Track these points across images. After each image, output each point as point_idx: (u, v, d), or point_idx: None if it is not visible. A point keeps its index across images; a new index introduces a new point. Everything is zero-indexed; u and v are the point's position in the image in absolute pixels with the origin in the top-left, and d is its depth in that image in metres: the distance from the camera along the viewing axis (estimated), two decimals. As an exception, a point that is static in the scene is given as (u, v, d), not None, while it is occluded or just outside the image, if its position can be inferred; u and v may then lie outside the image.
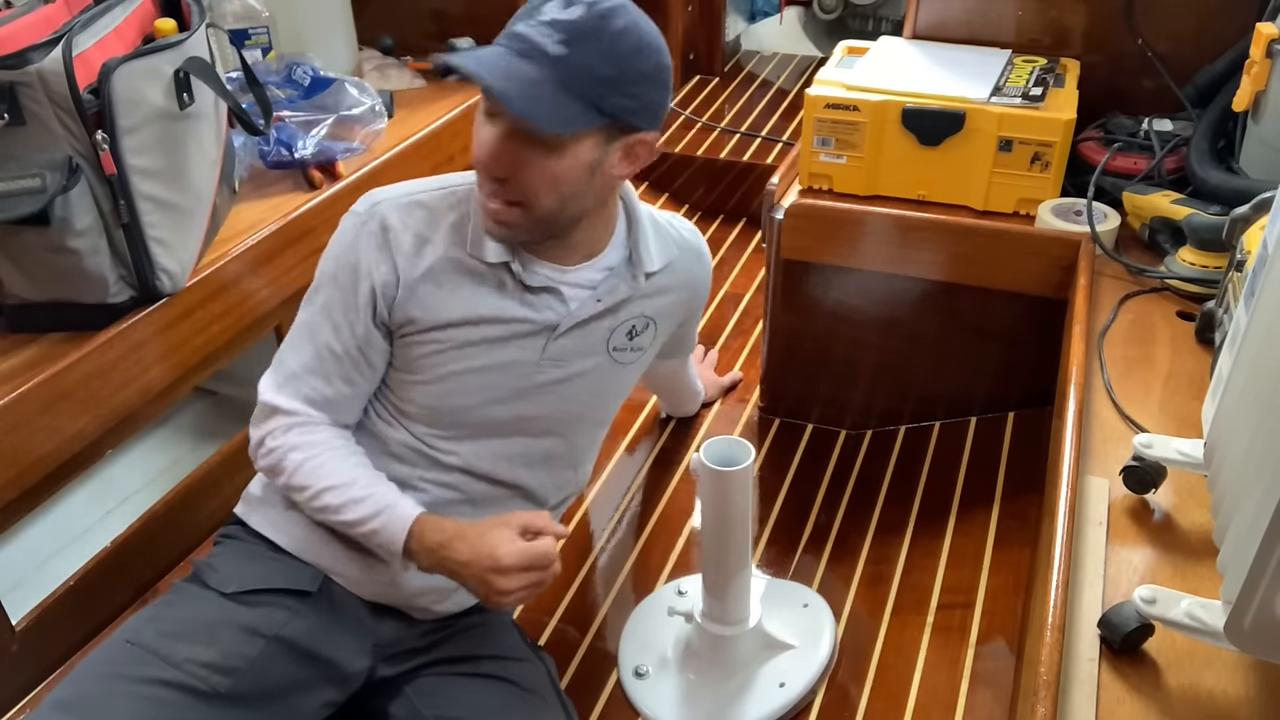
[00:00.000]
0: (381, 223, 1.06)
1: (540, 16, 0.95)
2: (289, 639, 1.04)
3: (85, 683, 0.97)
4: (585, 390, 1.16)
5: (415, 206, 1.08)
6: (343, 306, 1.07)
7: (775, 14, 3.12)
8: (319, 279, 1.09)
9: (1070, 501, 0.98)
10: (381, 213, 1.06)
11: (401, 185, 1.11)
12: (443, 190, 1.09)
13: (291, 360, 1.09)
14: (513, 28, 0.97)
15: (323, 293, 1.08)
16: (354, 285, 1.06)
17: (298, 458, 1.06)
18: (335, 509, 1.05)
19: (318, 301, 1.08)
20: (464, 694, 1.08)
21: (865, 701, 1.23)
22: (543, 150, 0.97)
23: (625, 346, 1.17)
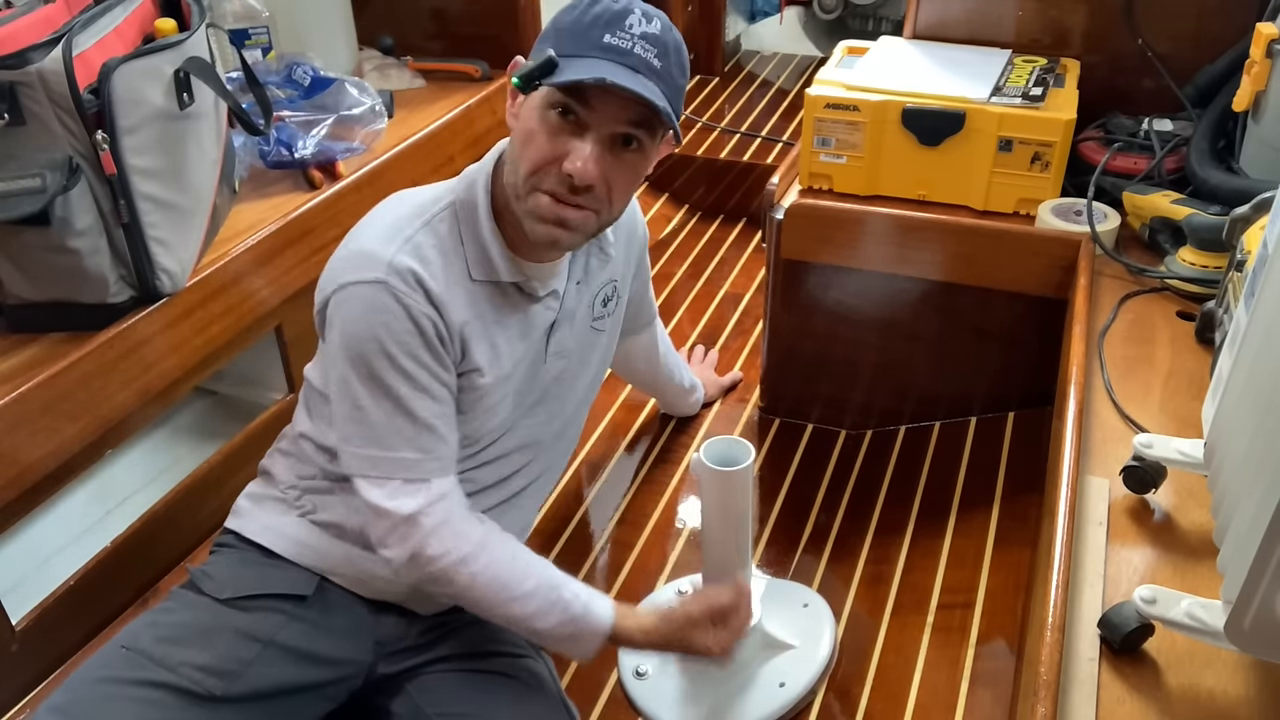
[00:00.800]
0: (410, 272, 0.99)
1: (631, 30, 0.96)
2: (285, 643, 1.05)
3: (80, 687, 0.97)
4: (583, 369, 1.20)
5: (415, 248, 1.01)
6: (424, 367, 1.01)
7: (775, 14, 3.12)
8: (368, 357, 0.99)
9: (1070, 501, 0.98)
10: (400, 264, 0.99)
11: (377, 227, 1.03)
12: (421, 222, 1.03)
13: (400, 449, 1.01)
14: (602, 40, 0.95)
15: (388, 365, 0.99)
16: (422, 339, 1.00)
17: (467, 576, 1.02)
18: (523, 618, 1.04)
19: (390, 379, 0.99)
20: (466, 691, 1.08)
21: (865, 701, 1.23)
22: (633, 158, 1.00)
23: (602, 314, 1.21)
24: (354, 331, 0.99)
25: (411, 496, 1.01)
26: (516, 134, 1.01)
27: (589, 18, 0.97)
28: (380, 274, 0.99)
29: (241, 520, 1.14)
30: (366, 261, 1.00)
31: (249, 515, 1.14)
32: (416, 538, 1.00)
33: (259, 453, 1.21)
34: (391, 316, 0.98)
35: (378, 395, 0.99)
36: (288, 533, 1.11)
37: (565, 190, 0.98)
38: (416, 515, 1.00)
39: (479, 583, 1.02)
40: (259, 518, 1.13)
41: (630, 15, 0.97)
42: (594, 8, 0.97)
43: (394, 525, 1.01)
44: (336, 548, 1.10)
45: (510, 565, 1.04)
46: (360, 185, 1.64)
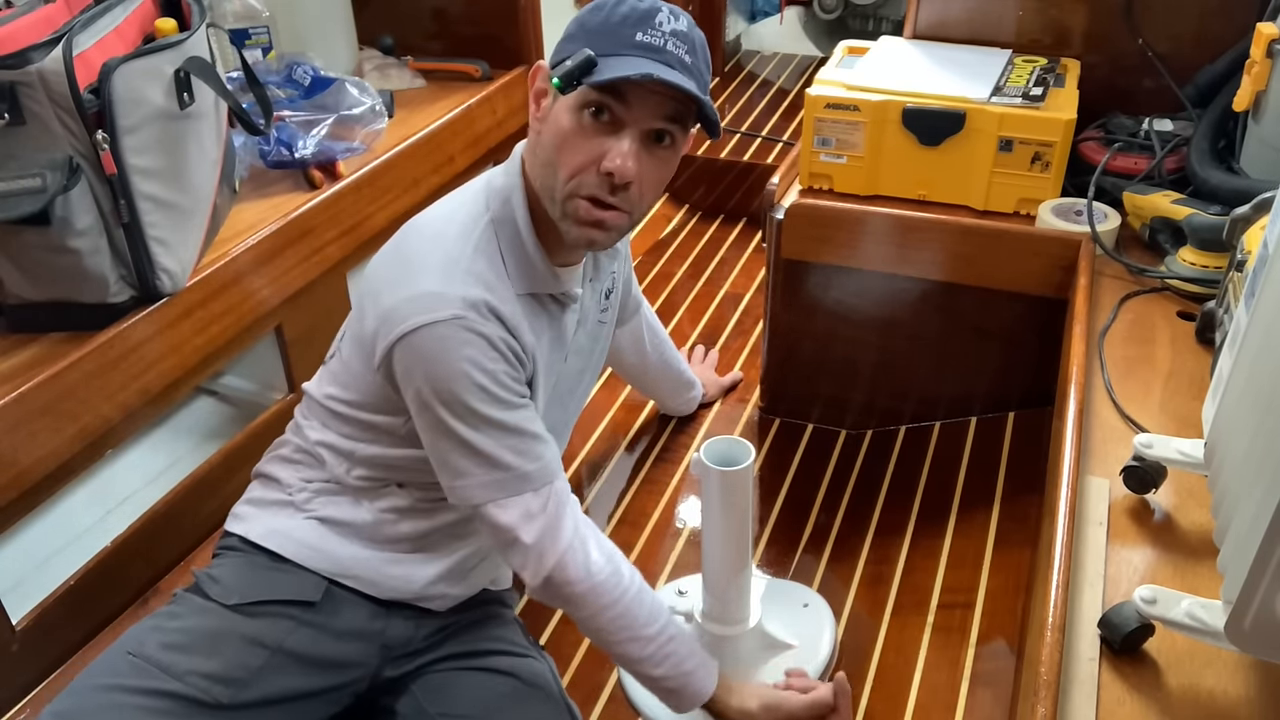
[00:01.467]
0: (483, 303, 0.99)
1: (661, 28, 0.97)
2: (293, 649, 1.04)
3: (85, 694, 0.97)
4: (590, 361, 1.22)
5: (478, 277, 1.00)
6: (511, 389, 1.01)
7: (775, 14, 3.12)
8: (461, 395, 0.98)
9: (1070, 501, 0.98)
10: (472, 296, 0.98)
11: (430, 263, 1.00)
12: (472, 248, 1.02)
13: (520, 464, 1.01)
14: (635, 38, 0.96)
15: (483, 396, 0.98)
16: (506, 364, 1.00)
17: (596, 606, 1.04)
18: (636, 660, 1.07)
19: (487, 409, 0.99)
20: (469, 689, 1.08)
21: (865, 701, 1.23)
22: (664, 154, 1.01)
23: (605, 306, 1.23)
24: (440, 373, 0.97)
25: (544, 506, 1.02)
26: (547, 138, 1.00)
27: (618, 17, 0.97)
28: (455, 310, 0.97)
29: (245, 524, 1.13)
30: (435, 300, 0.98)
31: (253, 519, 1.13)
32: (553, 557, 1.02)
33: (259, 452, 1.21)
34: (475, 350, 0.98)
35: (480, 426, 0.99)
36: (295, 536, 1.10)
37: (605, 192, 0.99)
38: (554, 529, 1.02)
39: (605, 616, 1.04)
40: (264, 521, 1.12)
41: (659, 13, 0.98)
42: (621, 7, 0.98)
43: (535, 542, 1.01)
44: (345, 548, 1.10)
45: (639, 604, 1.06)
46: (360, 185, 1.64)
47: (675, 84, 0.95)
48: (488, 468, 1.00)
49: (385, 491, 1.10)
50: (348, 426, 1.10)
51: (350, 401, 1.09)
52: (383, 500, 1.10)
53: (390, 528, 1.10)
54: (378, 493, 1.10)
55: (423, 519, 1.11)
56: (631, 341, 1.51)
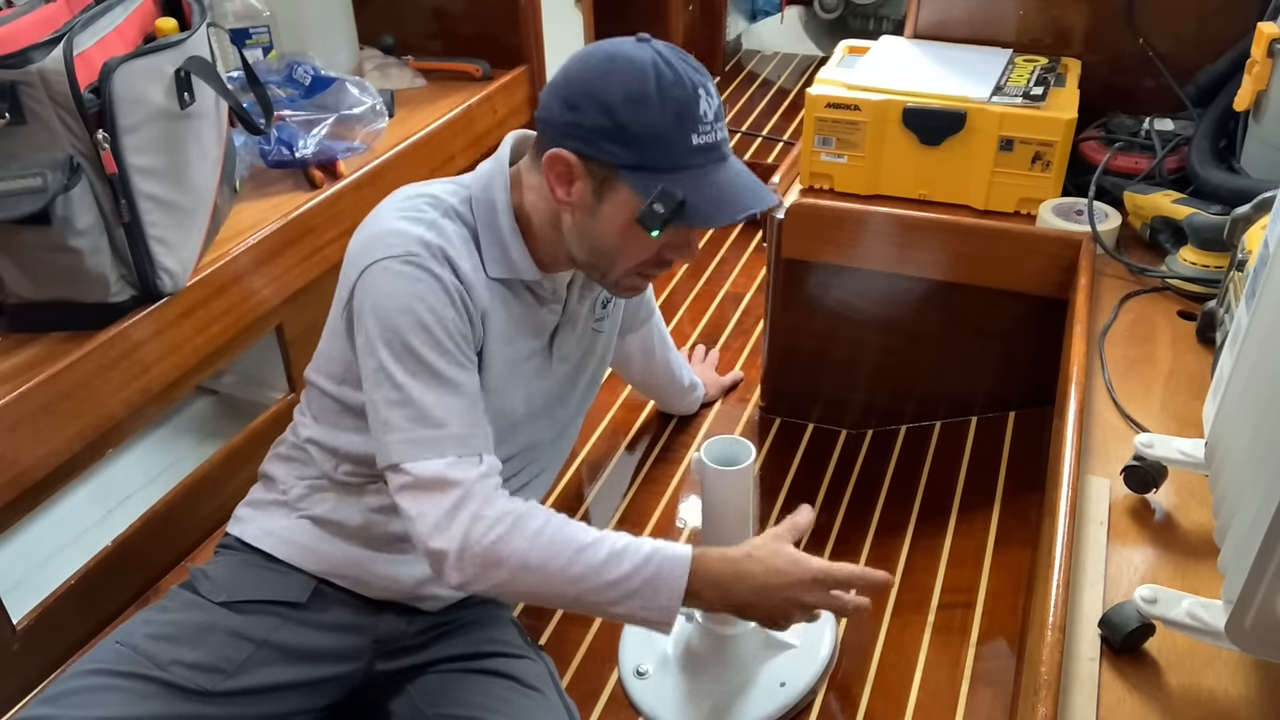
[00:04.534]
0: (439, 248, 0.98)
1: (708, 119, 0.96)
2: (279, 643, 1.05)
3: (71, 679, 0.98)
4: (583, 370, 1.20)
5: (439, 230, 1.00)
6: (458, 342, 0.99)
7: (776, 13, 3.12)
8: (404, 333, 0.96)
9: (1071, 501, 0.98)
10: (429, 239, 0.98)
11: (396, 211, 1.01)
12: (441, 211, 1.02)
13: (451, 424, 0.97)
14: (692, 143, 0.95)
15: (426, 338, 0.97)
16: (454, 310, 0.98)
17: (524, 541, 0.94)
18: (595, 569, 0.94)
19: (428, 354, 0.97)
20: (466, 691, 1.08)
21: (866, 701, 1.23)
22: None
23: (602, 315, 1.21)
24: (387, 307, 0.97)
25: (467, 470, 0.96)
26: (599, 232, 0.99)
27: (667, 118, 0.93)
28: (410, 247, 0.97)
29: (242, 526, 1.14)
30: (393, 238, 0.98)
31: (249, 521, 1.14)
32: (471, 508, 0.94)
33: (260, 452, 1.21)
34: (424, 287, 0.97)
35: (418, 372, 0.96)
36: (288, 536, 1.11)
37: (661, 269, 1.05)
38: (473, 485, 0.95)
39: (540, 543, 0.94)
40: (259, 522, 1.13)
41: (701, 102, 0.95)
42: (666, 102, 0.93)
43: (451, 507, 0.94)
44: (337, 548, 1.10)
45: (566, 525, 0.97)
46: (361, 184, 1.64)
47: (762, 207, 0.97)
48: (417, 421, 0.96)
49: (373, 489, 1.10)
50: (330, 404, 1.10)
51: (329, 373, 1.09)
52: (371, 498, 1.10)
53: (380, 528, 1.10)
54: (366, 490, 1.10)
55: None
56: (642, 350, 1.50)
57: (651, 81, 0.93)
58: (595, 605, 0.97)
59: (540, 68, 2.10)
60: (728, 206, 0.96)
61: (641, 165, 0.95)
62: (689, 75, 0.94)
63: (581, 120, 0.95)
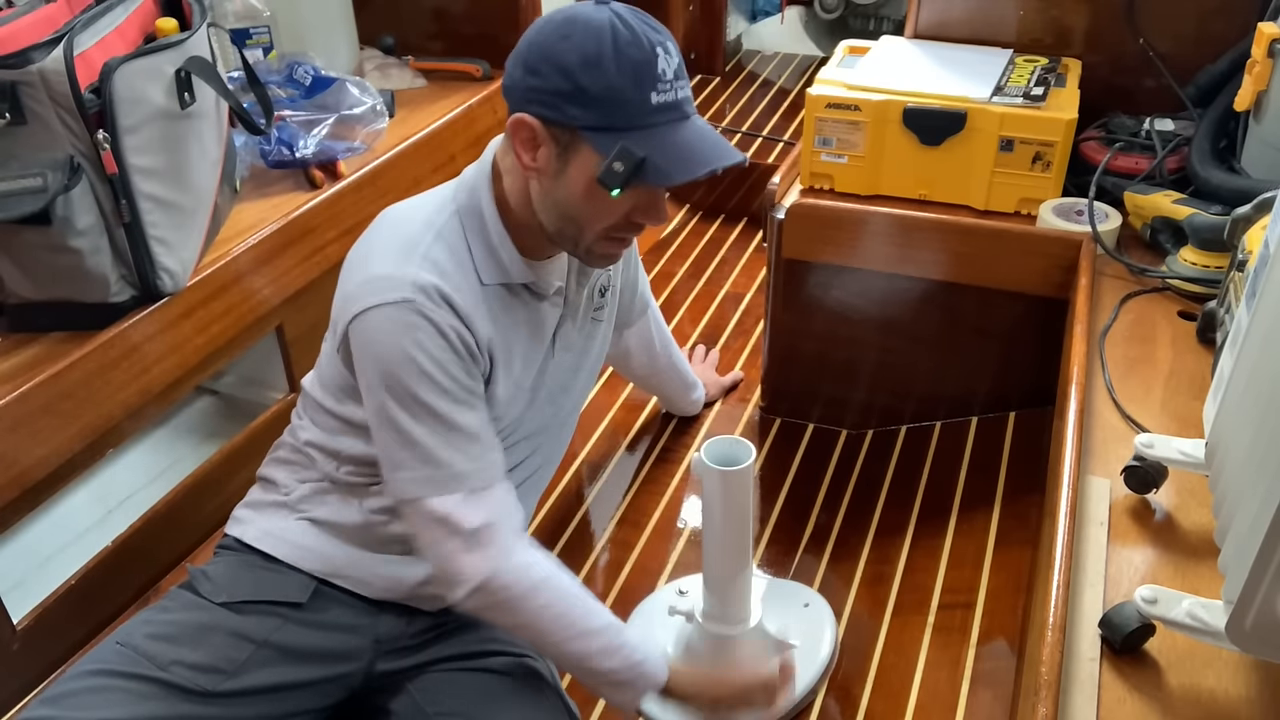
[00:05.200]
0: (434, 289, 0.98)
1: (666, 77, 0.95)
2: (280, 643, 1.05)
3: (72, 680, 0.98)
4: (584, 359, 1.21)
5: (434, 263, 1.00)
6: (458, 381, 1.00)
7: (776, 13, 3.12)
8: (404, 380, 0.97)
9: (1071, 501, 0.98)
10: (424, 281, 0.98)
11: (389, 247, 1.01)
12: (433, 235, 1.02)
13: (457, 462, 1.00)
14: (652, 101, 0.94)
15: (427, 383, 0.98)
16: (454, 353, 0.99)
17: (535, 606, 1.02)
18: (582, 656, 1.04)
19: (429, 397, 0.98)
20: (466, 689, 1.08)
21: (866, 701, 1.23)
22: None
23: (600, 304, 1.22)
24: (387, 355, 0.97)
25: (477, 509, 1.00)
26: (564, 196, 0.99)
27: (624, 78, 0.93)
28: (405, 293, 0.97)
29: (242, 527, 1.14)
30: (386, 284, 0.98)
31: (249, 522, 1.14)
32: (491, 559, 0.99)
33: (260, 452, 1.21)
34: (422, 334, 0.97)
35: (420, 415, 0.98)
36: (288, 537, 1.11)
37: (633, 232, 1.03)
38: (488, 531, 1.00)
39: (547, 615, 1.02)
40: (258, 523, 1.14)
41: (657, 59, 0.94)
42: (620, 61, 0.92)
43: (465, 545, 0.99)
44: (338, 549, 1.10)
45: (578, 601, 1.05)
46: (361, 185, 1.64)
47: (732, 164, 0.96)
48: (424, 462, 0.98)
49: (374, 491, 1.10)
50: (332, 421, 1.10)
51: (329, 391, 1.10)
52: (372, 500, 1.10)
53: (381, 529, 1.10)
54: (367, 492, 1.10)
55: None
56: (641, 343, 1.50)
57: (609, 42, 0.92)
58: (575, 671, 1.08)
59: (540, 68, 2.10)
60: (689, 163, 0.95)
61: (601, 126, 0.94)
62: (646, 34, 0.94)
63: (542, 84, 0.95)
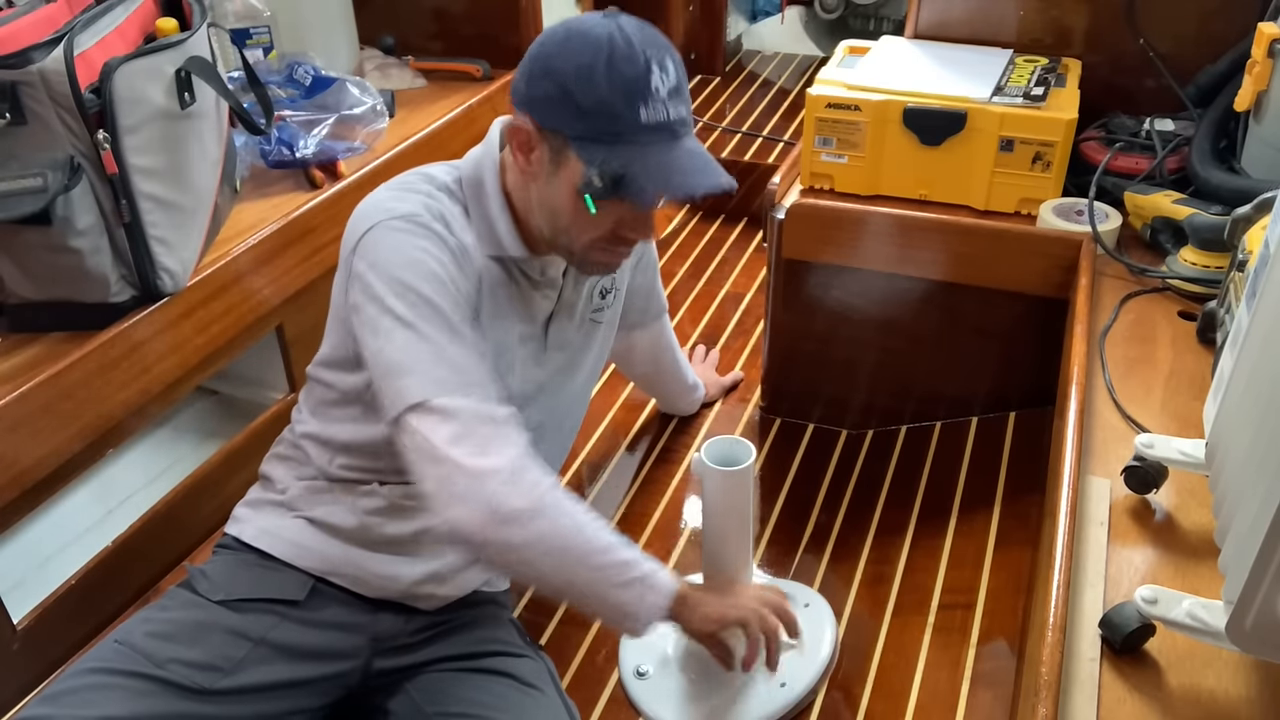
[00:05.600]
0: (439, 215, 1.01)
1: (659, 95, 0.95)
2: (277, 641, 1.05)
3: (71, 678, 0.98)
4: (581, 361, 1.21)
5: (433, 207, 1.03)
6: (461, 301, 1.00)
7: (776, 13, 3.12)
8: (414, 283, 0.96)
9: (1071, 501, 0.98)
10: (431, 207, 1.01)
11: (392, 189, 1.05)
12: (434, 187, 1.05)
13: (471, 371, 0.96)
14: (640, 119, 0.94)
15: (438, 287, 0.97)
16: (459, 268, 1.00)
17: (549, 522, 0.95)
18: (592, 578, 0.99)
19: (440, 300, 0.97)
20: (465, 690, 1.08)
21: (866, 702, 1.23)
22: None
23: (600, 306, 1.21)
24: (393, 259, 0.97)
25: (495, 408, 0.95)
26: (554, 203, 1.00)
27: (615, 93, 0.93)
28: (409, 209, 1.00)
29: (240, 526, 1.15)
30: (391, 203, 1.01)
31: (247, 520, 1.15)
32: (512, 453, 0.93)
33: (260, 452, 1.21)
34: (429, 242, 0.99)
35: (431, 318, 0.96)
36: (285, 535, 1.11)
37: (625, 246, 1.04)
38: (514, 431, 0.95)
39: (566, 529, 0.95)
40: (256, 522, 1.14)
41: (651, 76, 0.94)
42: (613, 77, 0.93)
43: (493, 434, 0.93)
44: (335, 548, 1.10)
45: (588, 518, 0.99)
46: (362, 185, 1.64)
47: (713, 189, 0.95)
48: (437, 359, 0.94)
49: (369, 490, 1.10)
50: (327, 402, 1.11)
51: (329, 363, 1.11)
52: (367, 501, 1.10)
53: (376, 530, 1.10)
54: (362, 492, 1.11)
55: (408, 520, 1.11)
56: (651, 346, 1.50)
57: (603, 55, 0.93)
58: (595, 581, 0.99)
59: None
60: (669, 185, 0.95)
61: (589, 137, 0.95)
62: (644, 50, 0.94)
63: (538, 91, 0.97)
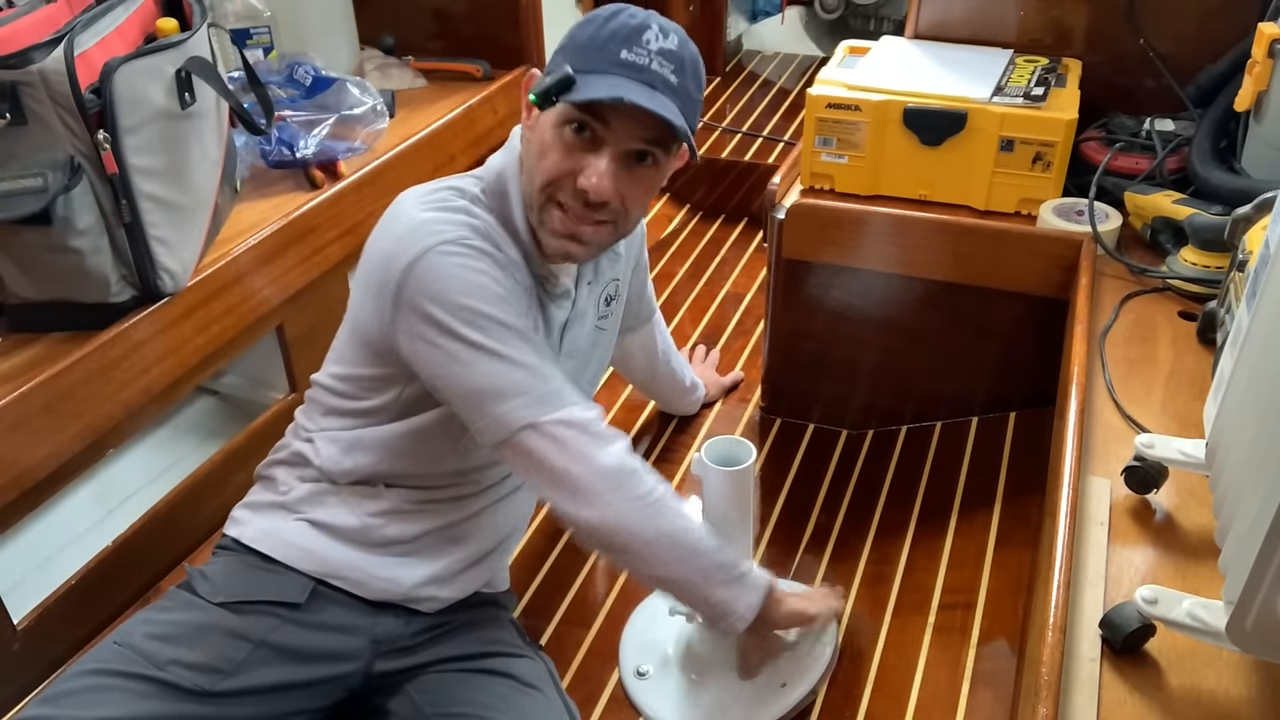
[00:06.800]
0: (480, 232, 1.01)
1: (648, 46, 0.97)
2: (277, 643, 1.05)
3: (70, 679, 0.98)
4: (587, 366, 1.21)
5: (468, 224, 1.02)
6: (527, 313, 1.02)
7: (777, 13, 3.12)
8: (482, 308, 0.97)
9: (1072, 501, 0.98)
10: (473, 224, 1.01)
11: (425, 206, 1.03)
12: (467, 201, 1.05)
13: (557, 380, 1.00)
14: (619, 56, 0.96)
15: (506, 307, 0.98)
16: (520, 285, 1.01)
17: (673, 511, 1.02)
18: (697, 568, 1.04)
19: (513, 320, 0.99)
20: (465, 690, 1.08)
21: (866, 702, 1.23)
22: (646, 173, 1.02)
23: (605, 313, 1.22)
24: (456, 289, 0.97)
25: (598, 418, 1.00)
26: (532, 147, 1.02)
27: (606, 33, 0.97)
28: (460, 232, 0.99)
29: (240, 527, 1.14)
30: (437, 224, 0.99)
31: (247, 522, 1.14)
32: (634, 461, 0.99)
33: (260, 452, 1.21)
34: (487, 264, 0.99)
35: (512, 339, 0.97)
36: (285, 537, 1.11)
37: (580, 206, 1.00)
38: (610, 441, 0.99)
39: (676, 529, 1.02)
40: (256, 523, 1.13)
41: (647, 31, 0.97)
42: (611, 23, 0.97)
43: (598, 443, 0.98)
44: (335, 550, 1.10)
45: (692, 519, 1.04)
46: (362, 185, 1.64)
47: (646, 108, 0.94)
48: (530, 380, 0.97)
49: (373, 493, 1.10)
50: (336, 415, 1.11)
51: (345, 378, 1.10)
52: (370, 503, 1.10)
53: (378, 532, 1.10)
54: (365, 494, 1.11)
55: (410, 522, 1.11)
56: (643, 349, 1.50)
57: (614, 9, 0.98)
58: (702, 582, 1.05)
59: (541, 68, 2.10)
60: (605, 92, 0.95)
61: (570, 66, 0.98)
62: (654, 18, 0.98)
63: (557, 49, 1.02)
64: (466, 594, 1.16)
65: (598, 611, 1.37)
